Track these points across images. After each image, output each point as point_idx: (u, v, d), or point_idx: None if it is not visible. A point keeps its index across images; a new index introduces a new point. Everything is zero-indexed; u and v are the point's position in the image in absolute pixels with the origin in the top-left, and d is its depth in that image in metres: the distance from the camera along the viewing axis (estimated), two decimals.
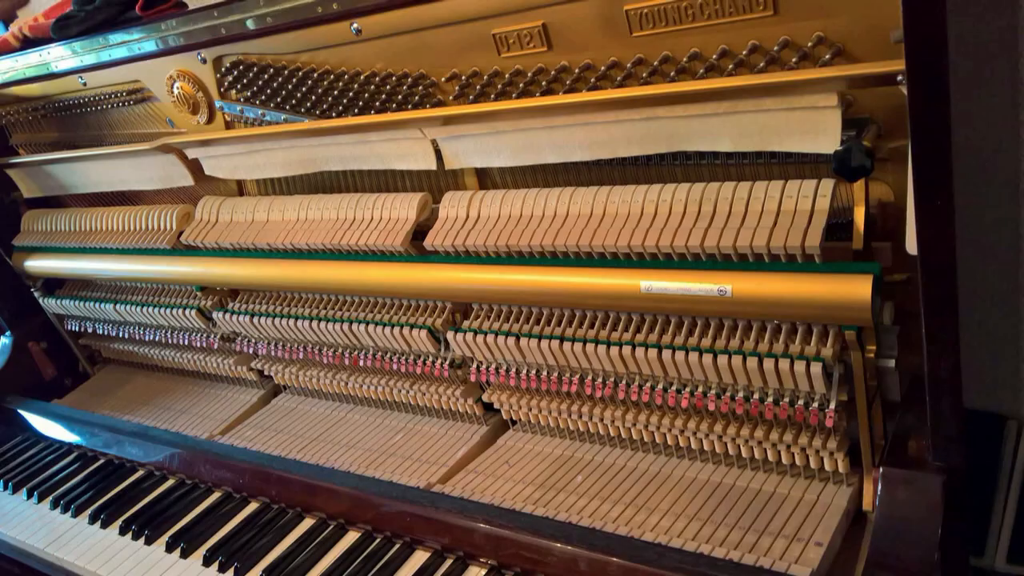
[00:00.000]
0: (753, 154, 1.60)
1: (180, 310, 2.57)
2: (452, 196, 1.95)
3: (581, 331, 1.79)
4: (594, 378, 1.82)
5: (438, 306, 2.05)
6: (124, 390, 3.01)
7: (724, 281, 1.54)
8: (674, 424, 1.77)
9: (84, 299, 2.92)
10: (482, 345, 1.92)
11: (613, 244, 1.66)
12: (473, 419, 2.18)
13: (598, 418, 1.87)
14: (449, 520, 1.79)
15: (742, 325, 1.61)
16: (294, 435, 2.37)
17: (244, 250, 2.33)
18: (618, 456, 1.91)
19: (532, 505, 1.81)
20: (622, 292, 1.67)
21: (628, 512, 1.73)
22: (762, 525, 1.61)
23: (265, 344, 2.44)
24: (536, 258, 1.80)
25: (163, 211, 2.54)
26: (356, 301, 2.20)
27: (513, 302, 1.90)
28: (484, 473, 1.98)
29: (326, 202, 2.16)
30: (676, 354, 1.65)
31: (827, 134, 1.41)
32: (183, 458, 2.34)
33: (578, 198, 1.75)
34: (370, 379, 2.28)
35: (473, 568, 1.73)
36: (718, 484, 1.75)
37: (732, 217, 1.56)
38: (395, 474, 2.05)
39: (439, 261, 1.96)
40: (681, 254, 1.60)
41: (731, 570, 1.48)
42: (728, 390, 1.66)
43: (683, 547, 1.58)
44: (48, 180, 2.87)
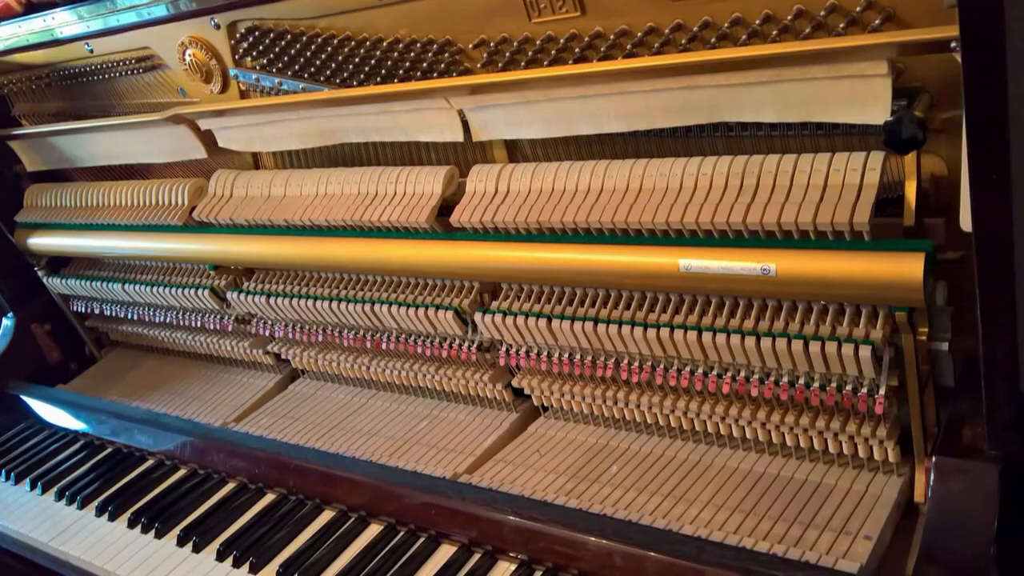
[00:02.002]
0: (798, 125, 1.62)
1: (192, 290, 2.61)
2: (480, 169, 1.98)
3: (616, 312, 1.82)
4: (630, 362, 1.85)
5: (465, 286, 2.08)
6: (133, 375, 3.05)
7: (767, 259, 1.56)
8: (715, 411, 1.80)
9: (91, 278, 2.96)
10: (511, 327, 1.96)
11: (650, 220, 1.68)
12: (502, 405, 2.22)
13: (634, 404, 1.91)
14: (477, 512, 1.82)
15: (786, 306, 1.64)
16: (312, 422, 2.41)
17: (260, 227, 2.36)
18: (655, 445, 1.94)
19: (564, 496, 1.85)
20: (660, 271, 1.69)
21: (666, 504, 1.76)
22: (808, 518, 1.64)
23: (282, 326, 2.48)
24: (569, 235, 1.83)
25: (174, 185, 2.57)
26: (378, 280, 2.23)
27: (544, 282, 1.93)
28: (514, 463, 2.02)
29: (346, 176, 2.19)
30: (717, 337, 1.68)
31: (877, 104, 1.43)
32: (195, 447, 2.37)
33: (613, 172, 1.78)
34: (393, 363, 2.31)
35: (502, 563, 1.76)
36: (761, 474, 1.78)
37: (776, 192, 1.58)
38: (419, 464, 2.09)
39: (466, 238, 1.99)
40: (722, 231, 1.63)
41: (775, 565, 1.51)
42: (772, 375, 1.69)
43: (724, 541, 1.61)
44: (53, 153, 2.90)
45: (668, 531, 1.67)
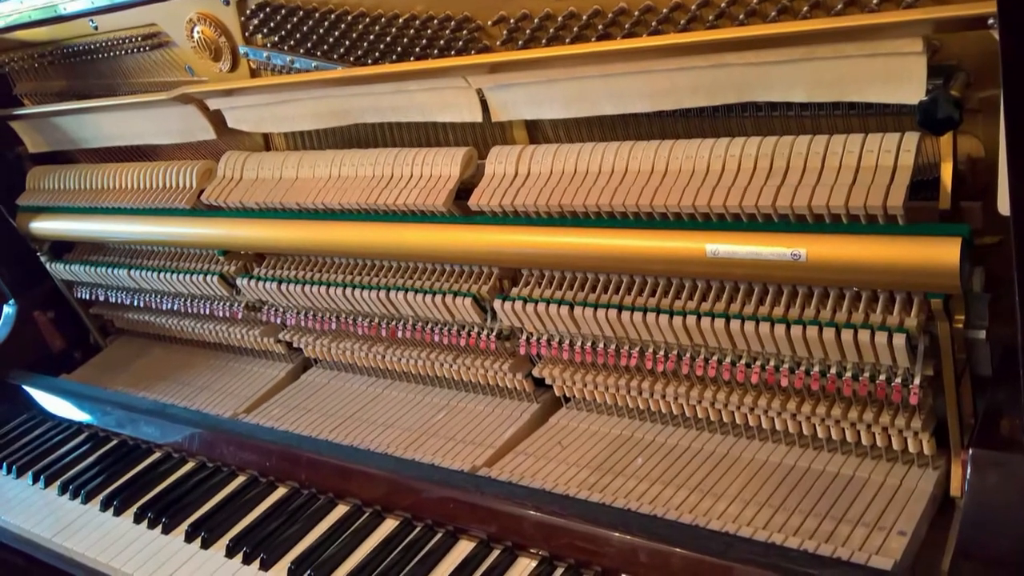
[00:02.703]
0: (830, 105, 1.64)
1: (201, 276, 2.64)
2: (499, 151, 1.99)
3: (641, 299, 1.84)
4: (655, 351, 1.88)
5: (484, 272, 2.11)
6: (139, 364, 3.08)
7: (798, 244, 1.57)
8: (743, 401, 1.82)
9: (95, 264, 2.99)
10: (532, 315, 1.98)
11: (676, 203, 1.70)
12: (522, 396, 2.24)
13: (659, 395, 1.93)
14: (496, 507, 1.84)
15: (817, 293, 1.66)
16: (326, 413, 2.43)
17: (271, 210, 2.38)
18: (681, 436, 1.96)
19: (587, 490, 1.87)
20: (686, 256, 1.71)
21: (692, 498, 1.79)
22: (840, 512, 1.65)
23: (294, 314, 2.50)
24: (591, 219, 1.85)
25: (182, 167, 2.60)
26: (394, 266, 2.25)
27: (566, 267, 1.96)
28: (534, 455, 2.04)
29: (361, 158, 2.21)
30: (745, 324, 1.70)
31: (911, 83, 1.44)
32: (204, 439, 2.40)
33: (638, 153, 1.79)
34: (409, 352, 2.34)
35: (522, 559, 1.79)
36: (791, 467, 1.80)
37: (807, 174, 1.59)
38: (437, 456, 2.11)
39: (485, 222, 2.01)
40: (751, 214, 1.64)
41: (806, 562, 1.52)
42: (802, 364, 1.71)
43: (753, 536, 1.63)
44: (56, 133, 2.92)
45: (695, 526, 1.68)
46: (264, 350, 2.77)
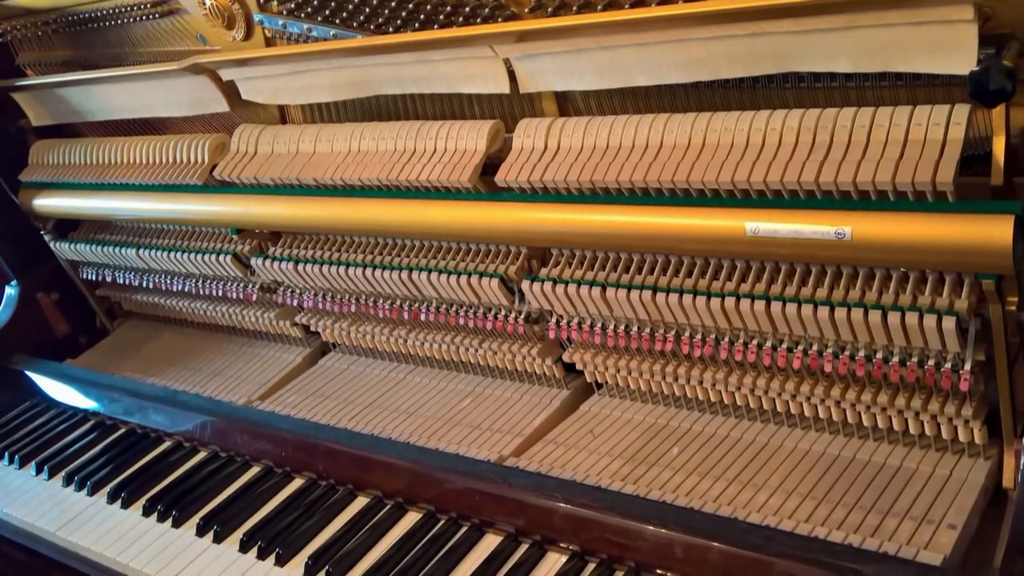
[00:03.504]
0: (875, 76, 1.65)
1: (213, 256, 2.67)
2: (527, 124, 2.01)
3: (677, 280, 1.87)
4: (692, 335, 1.90)
5: (511, 251, 2.13)
6: (148, 349, 3.12)
7: (842, 222, 1.59)
8: (784, 388, 1.84)
9: (102, 243, 3.02)
10: (562, 296, 2.00)
11: (714, 179, 1.72)
12: (552, 382, 2.27)
13: (696, 381, 1.95)
14: (524, 499, 1.87)
15: (863, 273, 1.68)
16: (344, 401, 2.47)
17: (287, 186, 2.41)
18: (719, 425, 1.99)
19: (620, 481, 1.90)
20: (724, 235, 1.73)
21: (731, 490, 1.81)
22: (886, 505, 1.67)
23: (311, 295, 2.53)
24: (625, 196, 1.87)
25: (193, 141, 2.62)
26: (417, 246, 2.28)
27: (599, 247, 1.98)
28: (565, 444, 2.07)
29: (382, 131, 2.22)
30: (787, 307, 1.72)
31: (961, 52, 1.45)
32: (216, 427, 2.43)
33: (673, 126, 1.81)
34: (433, 336, 2.36)
35: (552, 554, 1.81)
36: (835, 457, 1.82)
37: (851, 148, 1.60)
38: (461, 446, 2.14)
39: (512, 199, 2.03)
40: (792, 191, 1.66)
41: (851, 557, 1.54)
42: (847, 349, 1.72)
43: (794, 530, 1.65)
44: (60, 105, 2.95)
45: (733, 519, 1.70)
46: (280, 334, 2.80)
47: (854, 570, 1.50)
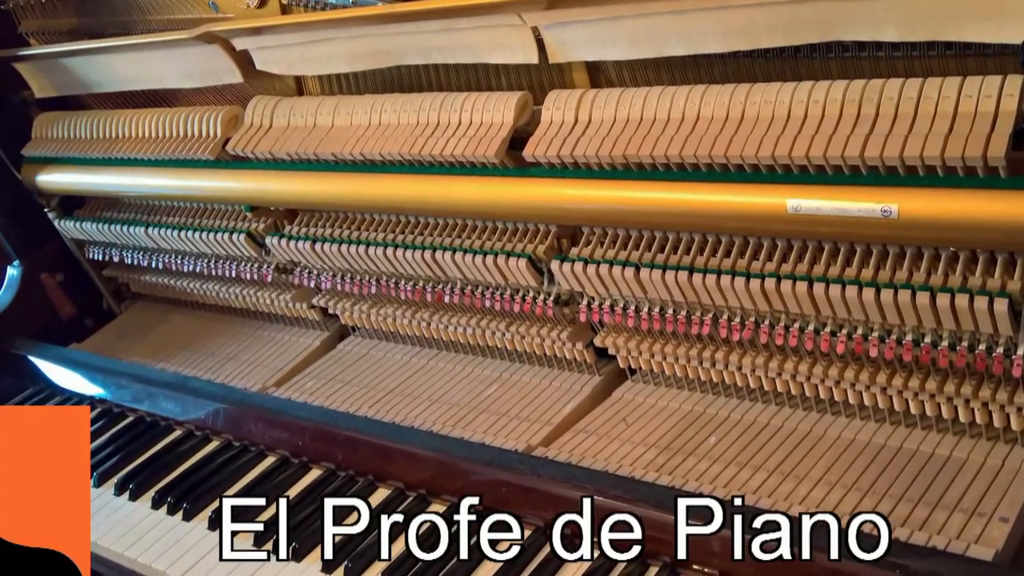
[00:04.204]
0: (924, 45, 1.65)
1: (226, 235, 2.69)
2: (557, 96, 2.03)
3: (715, 260, 1.89)
4: (730, 318, 1.92)
5: (540, 230, 2.15)
6: (157, 332, 3.16)
7: (888, 199, 1.60)
8: (827, 374, 1.85)
9: (109, 221, 3.06)
10: (593, 277, 2.02)
11: (753, 154, 1.72)
12: (583, 368, 2.29)
13: (735, 366, 1.98)
14: (553, 490, 1.88)
15: (910, 253, 1.69)
16: (365, 387, 2.50)
17: (304, 161, 2.43)
18: (759, 413, 2.01)
19: (655, 472, 1.92)
20: (765, 212, 1.75)
21: (771, 481, 1.83)
22: (935, 497, 1.68)
23: (329, 276, 2.56)
24: (659, 171, 1.88)
25: (205, 114, 2.63)
26: (440, 224, 2.30)
27: (632, 225, 2.00)
28: (596, 433, 2.09)
29: (404, 103, 2.24)
30: (830, 288, 1.73)
31: (1015, 20, 1.46)
32: (230, 415, 2.46)
33: (710, 98, 1.82)
34: (457, 319, 2.39)
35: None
36: (881, 447, 1.84)
37: (898, 121, 1.61)
38: (488, 435, 2.17)
39: (541, 175, 2.05)
40: (836, 166, 1.66)
41: (897, 551, 1.53)
42: (893, 332, 1.74)
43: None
44: (65, 76, 2.97)
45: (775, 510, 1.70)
46: (296, 317, 2.82)
47: (901, 566, 1.49)
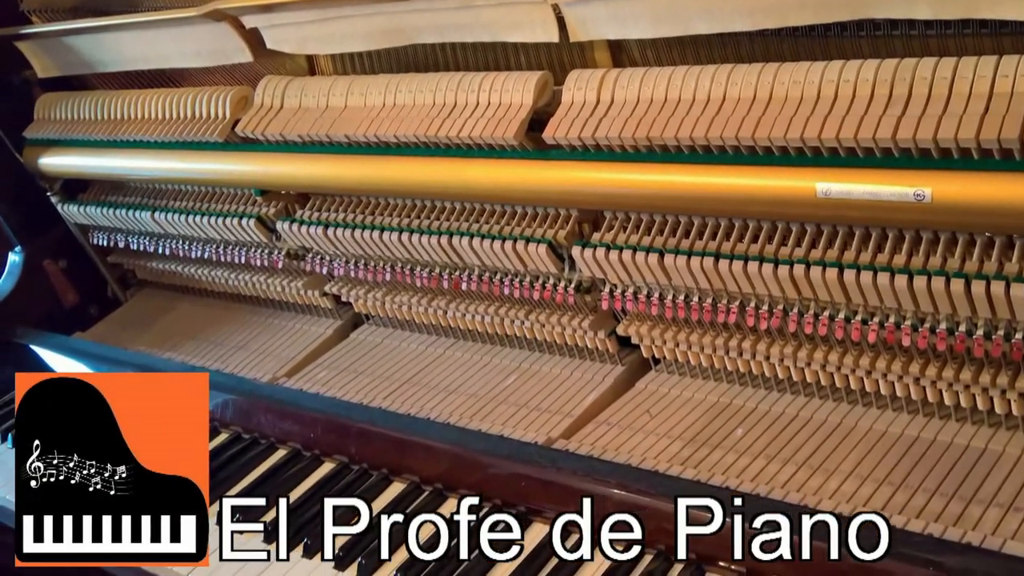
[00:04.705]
0: (958, 23, 1.67)
1: (235, 219, 2.71)
2: (578, 76, 2.04)
3: (742, 246, 1.90)
4: (758, 305, 1.93)
5: (561, 214, 2.16)
6: (164, 320, 3.19)
7: (922, 183, 1.60)
8: (858, 364, 1.87)
9: (114, 206, 3.07)
10: (616, 264, 2.03)
11: (782, 136, 1.73)
12: (605, 357, 2.31)
13: (762, 356, 1.99)
14: (575, 484, 1.89)
15: (944, 239, 1.69)
16: (379, 377, 2.52)
17: (316, 144, 2.44)
18: (787, 404, 2.02)
19: (680, 465, 1.93)
20: (793, 196, 1.76)
21: (800, 474, 1.85)
22: (969, 491, 1.69)
23: (342, 262, 2.58)
24: (684, 154, 1.89)
25: (214, 95, 2.65)
26: (458, 208, 2.32)
27: (656, 209, 2.01)
28: (619, 425, 2.11)
29: (420, 83, 2.25)
30: (861, 275, 1.74)
31: None
32: (239, 406, 2.48)
33: (737, 78, 1.83)
34: (475, 307, 2.41)
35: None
36: (914, 439, 1.85)
37: (932, 102, 1.61)
38: (506, 427, 2.19)
39: (562, 157, 2.06)
40: (867, 149, 1.67)
41: (931, 547, 1.55)
42: (927, 321, 1.74)
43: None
44: (68, 56, 2.98)
45: (803, 506, 1.72)
46: (308, 304, 2.85)
47: (934, 562, 1.50)
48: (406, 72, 2.36)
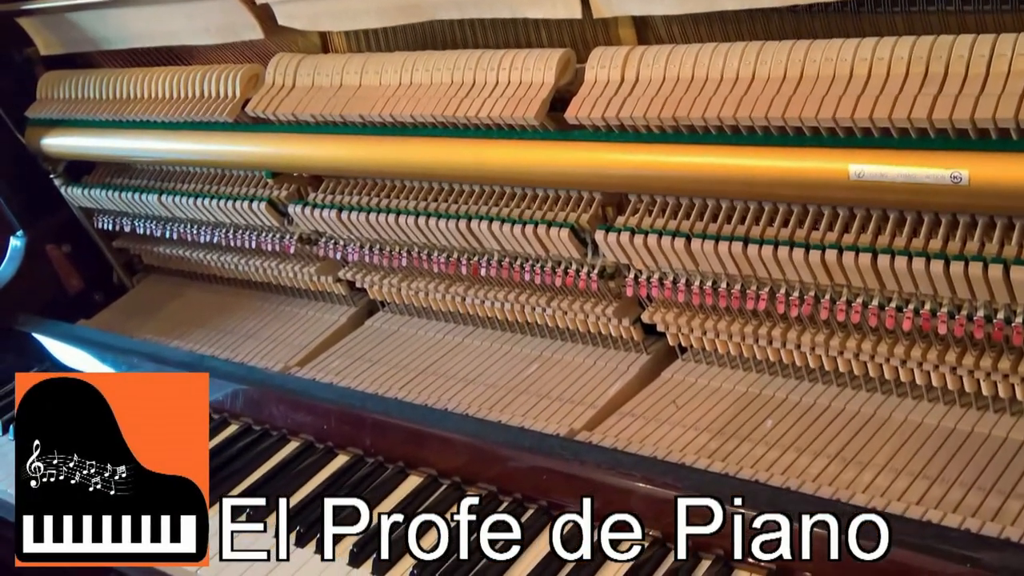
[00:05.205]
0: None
1: (246, 203, 2.73)
2: (602, 53, 2.04)
3: (771, 230, 1.90)
4: (788, 292, 1.94)
5: (584, 197, 2.17)
6: (171, 307, 3.21)
7: (958, 164, 1.60)
8: (893, 352, 1.88)
9: (120, 188, 3.09)
10: (641, 248, 2.04)
11: (813, 116, 1.74)
12: (629, 346, 2.33)
13: (793, 344, 2.00)
14: (598, 478, 1.91)
15: (982, 223, 1.70)
16: (395, 366, 2.54)
17: (329, 124, 2.46)
18: (819, 394, 2.04)
19: (707, 458, 1.95)
20: (825, 179, 1.76)
21: (832, 467, 1.86)
22: (1007, 485, 1.71)
23: (357, 247, 2.60)
24: (712, 134, 1.90)
25: (223, 73, 2.66)
26: (476, 191, 2.33)
27: (682, 192, 2.02)
28: (644, 417, 2.13)
29: (437, 61, 2.26)
30: (896, 260, 1.74)
31: None
32: (249, 397, 2.50)
33: (767, 56, 1.83)
34: (494, 293, 2.42)
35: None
36: (950, 431, 1.86)
37: (969, 81, 1.61)
38: (527, 418, 2.20)
39: (585, 138, 2.07)
40: (902, 129, 1.67)
41: (968, 543, 1.56)
42: (964, 308, 1.75)
43: (905, 513, 1.69)
44: (72, 32, 2.99)
45: (835, 501, 1.74)
46: (321, 291, 2.87)
47: (972, 558, 1.51)
48: (423, 50, 2.37)
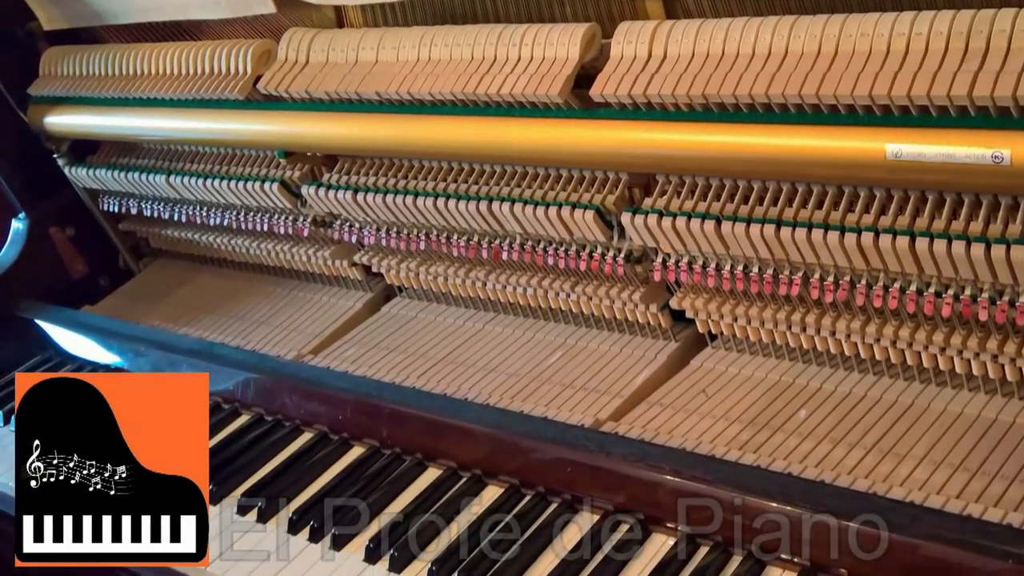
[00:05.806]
0: None
1: (257, 184, 2.74)
2: (628, 28, 2.05)
3: (805, 212, 1.91)
4: (823, 277, 1.94)
5: (610, 178, 2.18)
6: (180, 293, 3.24)
7: (1000, 144, 1.60)
8: (932, 340, 1.88)
9: (126, 168, 3.12)
10: (669, 231, 2.05)
11: (849, 93, 1.74)
12: (657, 333, 2.34)
13: (827, 331, 2.01)
14: (624, 470, 1.92)
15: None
16: (413, 354, 2.56)
17: (344, 101, 2.47)
18: (855, 383, 2.05)
19: (738, 450, 1.96)
20: (861, 159, 1.77)
21: (869, 459, 1.87)
22: None
23: (373, 230, 2.61)
24: (743, 112, 1.91)
25: (234, 48, 2.68)
26: (498, 171, 2.34)
27: (712, 173, 2.03)
28: (672, 406, 2.14)
29: (457, 36, 2.27)
30: (935, 243, 1.75)
31: None
32: (261, 386, 2.52)
33: (800, 31, 1.83)
34: (516, 278, 2.43)
35: (657, 536, 1.85)
36: (992, 421, 1.87)
37: (1011, 56, 1.61)
38: (550, 408, 2.22)
39: (611, 116, 2.08)
40: (941, 107, 1.68)
41: (1009, 538, 1.56)
42: (1006, 293, 1.76)
43: (944, 507, 1.70)
44: (76, 6, 3.00)
45: (871, 494, 1.75)
46: (336, 276, 2.89)
47: (1014, 554, 1.51)
48: (442, 24, 2.38)
